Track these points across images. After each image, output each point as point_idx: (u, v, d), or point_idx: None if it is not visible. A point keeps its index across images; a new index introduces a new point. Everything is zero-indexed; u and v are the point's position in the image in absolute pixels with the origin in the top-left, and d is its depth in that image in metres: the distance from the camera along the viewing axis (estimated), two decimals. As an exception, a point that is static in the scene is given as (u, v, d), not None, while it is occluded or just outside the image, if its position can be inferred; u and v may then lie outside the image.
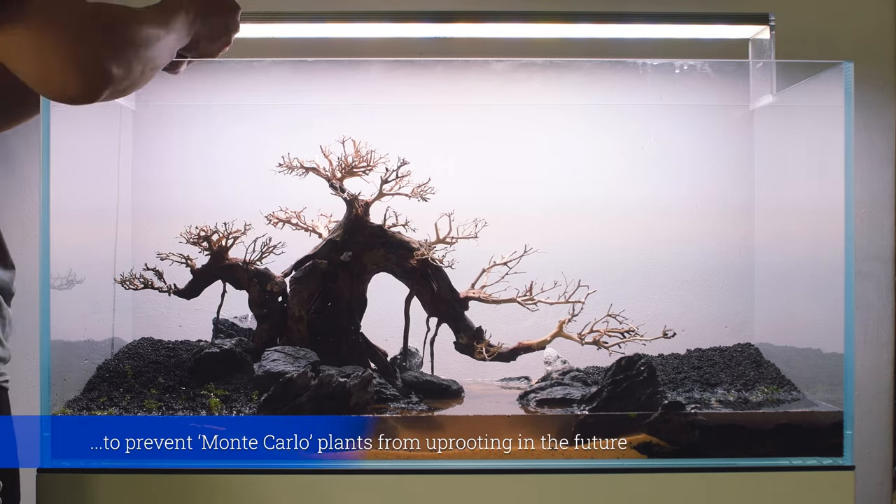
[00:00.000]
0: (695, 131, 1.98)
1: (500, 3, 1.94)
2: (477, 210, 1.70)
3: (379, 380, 1.60)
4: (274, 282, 1.70)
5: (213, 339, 1.77)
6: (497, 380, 1.79)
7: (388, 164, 1.67)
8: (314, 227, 1.75)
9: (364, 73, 1.85)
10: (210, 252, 1.69)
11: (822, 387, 1.61)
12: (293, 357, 1.59)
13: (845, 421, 1.46)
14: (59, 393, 1.52)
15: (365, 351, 1.71)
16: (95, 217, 1.87)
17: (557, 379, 1.67)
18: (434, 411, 1.56)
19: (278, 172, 1.69)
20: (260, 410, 1.46)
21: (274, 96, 1.88)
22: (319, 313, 1.68)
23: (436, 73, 1.84)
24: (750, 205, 1.95)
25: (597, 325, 1.64)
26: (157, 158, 1.97)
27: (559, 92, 1.88)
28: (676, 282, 1.98)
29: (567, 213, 1.96)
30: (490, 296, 1.69)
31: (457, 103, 1.87)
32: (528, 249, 1.68)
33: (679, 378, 1.72)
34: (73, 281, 1.62)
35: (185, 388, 1.58)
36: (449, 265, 1.68)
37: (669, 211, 1.97)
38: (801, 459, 1.46)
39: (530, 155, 1.97)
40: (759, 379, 1.69)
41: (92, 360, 1.70)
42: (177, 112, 1.96)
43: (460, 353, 1.70)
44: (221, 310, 1.74)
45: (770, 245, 1.90)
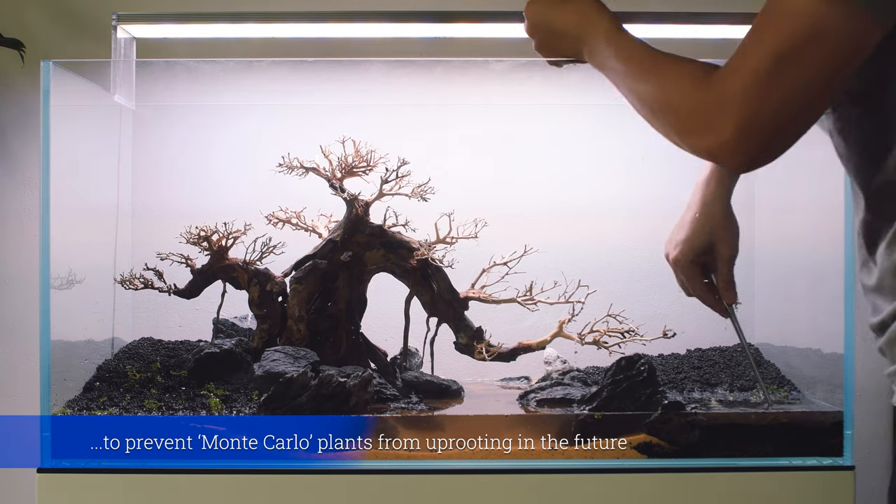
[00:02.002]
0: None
1: (501, 3, 1.94)
2: (477, 210, 1.70)
3: (379, 380, 1.60)
4: (274, 282, 1.70)
5: (213, 339, 1.77)
6: (497, 380, 1.79)
7: (388, 164, 1.67)
8: (314, 227, 1.75)
9: (364, 73, 1.85)
10: (210, 252, 1.69)
11: (822, 387, 1.61)
12: (293, 357, 1.59)
13: (845, 421, 1.46)
14: (59, 393, 1.52)
15: (365, 351, 1.71)
16: (95, 217, 1.87)
17: (557, 379, 1.67)
18: (434, 411, 1.56)
19: (278, 172, 1.69)
20: (260, 410, 1.46)
21: (274, 96, 1.88)
22: (319, 313, 1.68)
23: (436, 73, 1.84)
24: (750, 205, 1.95)
25: (597, 325, 1.64)
26: (157, 158, 1.97)
27: (559, 92, 1.88)
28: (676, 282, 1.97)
29: (567, 213, 1.96)
30: (490, 296, 1.69)
31: (457, 103, 1.87)
32: (528, 249, 1.68)
33: (679, 378, 1.72)
34: (73, 281, 1.62)
35: (185, 388, 1.58)
36: (449, 265, 1.68)
37: (669, 211, 1.97)
38: (801, 459, 1.46)
39: (530, 155, 1.97)
40: (759, 379, 1.69)
41: (92, 360, 1.70)
42: (177, 112, 1.96)
43: (460, 353, 1.70)
44: (221, 310, 1.74)
45: (770, 245, 1.90)
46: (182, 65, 1.84)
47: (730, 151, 0.95)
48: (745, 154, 0.95)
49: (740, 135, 0.93)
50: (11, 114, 1.99)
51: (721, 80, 0.94)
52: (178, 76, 1.84)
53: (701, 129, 0.96)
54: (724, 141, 0.94)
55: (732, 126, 0.93)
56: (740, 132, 0.93)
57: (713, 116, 0.94)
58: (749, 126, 0.92)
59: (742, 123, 0.92)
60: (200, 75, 1.80)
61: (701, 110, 0.96)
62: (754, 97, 0.91)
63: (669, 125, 1.03)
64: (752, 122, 0.92)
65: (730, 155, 0.95)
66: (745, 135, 0.93)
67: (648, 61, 1.08)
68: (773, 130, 0.93)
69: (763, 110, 0.92)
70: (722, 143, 0.94)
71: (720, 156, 0.96)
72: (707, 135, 0.96)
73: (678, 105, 1.00)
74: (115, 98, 1.81)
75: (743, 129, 0.92)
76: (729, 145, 0.94)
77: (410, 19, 1.79)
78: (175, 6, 1.97)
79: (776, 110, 0.92)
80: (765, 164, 0.97)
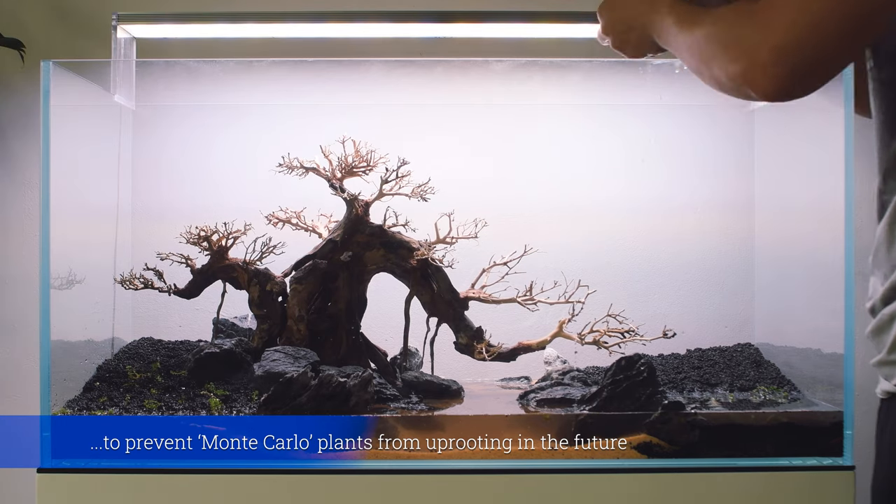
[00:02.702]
0: (695, 131, 1.98)
1: (500, 3, 1.94)
2: (477, 210, 1.70)
3: (379, 380, 1.60)
4: (274, 282, 1.70)
5: (213, 339, 1.77)
6: (497, 380, 1.79)
7: (388, 164, 1.67)
8: (314, 227, 1.75)
9: (364, 73, 1.85)
10: (210, 252, 1.69)
11: (822, 387, 1.61)
12: (293, 357, 1.59)
13: (845, 421, 1.46)
14: (59, 393, 1.52)
15: (365, 351, 1.71)
16: (95, 217, 1.87)
17: (557, 379, 1.67)
18: (434, 411, 1.56)
19: (278, 172, 1.69)
20: (260, 410, 1.46)
21: (274, 96, 1.88)
22: (319, 313, 1.68)
23: (436, 73, 1.84)
24: (750, 205, 1.95)
25: (597, 325, 1.64)
26: (157, 158, 1.97)
27: (559, 92, 1.88)
28: (676, 282, 1.98)
29: (567, 213, 1.96)
30: (490, 296, 1.69)
31: (457, 103, 1.87)
32: (528, 249, 1.68)
33: (679, 378, 1.72)
34: (73, 281, 1.62)
35: (185, 388, 1.58)
36: (449, 265, 1.68)
37: (669, 211, 1.98)
38: (801, 459, 1.46)
39: (530, 155, 1.97)
40: (759, 379, 1.69)
41: (92, 360, 1.70)
42: (177, 112, 1.96)
43: (460, 353, 1.70)
44: (221, 310, 1.74)
45: (770, 245, 1.90)
46: (182, 65, 1.84)
47: (763, 74, 0.99)
48: (777, 78, 0.99)
49: (777, 58, 0.98)
50: (11, 114, 1.99)
51: (763, 8, 1.00)
52: (178, 76, 1.84)
53: (739, 55, 1.01)
54: (761, 62, 0.99)
55: (769, 48, 0.98)
56: (777, 54, 0.98)
57: (752, 40, 1.00)
58: (785, 49, 0.97)
59: (779, 45, 0.97)
60: (200, 75, 1.80)
61: (742, 36, 1.01)
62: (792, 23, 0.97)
63: (715, 60, 1.07)
64: (788, 46, 0.97)
65: (763, 77, 1.00)
66: (781, 58, 0.98)
67: (702, 12, 1.13)
68: (808, 58, 0.98)
69: (800, 37, 0.97)
70: (758, 64, 0.99)
71: (755, 78, 1.00)
72: (744, 58, 1.01)
73: (722, 36, 1.05)
74: (115, 98, 1.81)
75: (779, 52, 0.97)
76: (764, 68, 0.99)
77: (410, 19, 1.79)
78: (175, 6, 1.97)
79: (811, 38, 0.97)
80: (793, 96, 1.02)
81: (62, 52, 1.98)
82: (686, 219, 1.97)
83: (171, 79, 1.87)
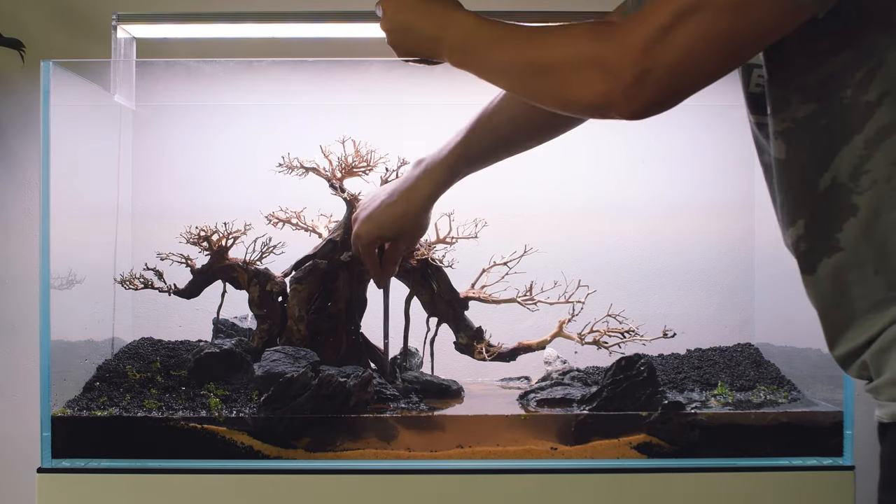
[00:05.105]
0: (695, 131, 1.98)
1: (500, 3, 1.94)
2: (477, 210, 1.70)
3: (379, 380, 1.60)
4: (274, 282, 1.70)
5: (213, 339, 1.77)
6: (497, 380, 1.79)
7: (388, 164, 1.67)
8: (314, 227, 1.75)
9: (364, 73, 1.85)
10: (210, 252, 1.69)
11: (822, 387, 1.61)
12: (293, 357, 1.59)
13: (845, 421, 1.46)
14: (59, 393, 1.52)
15: (365, 351, 1.71)
16: (95, 217, 1.87)
17: (557, 379, 1.67)
18: (434, 411, 1.56)
19: (278, 172, 1.69)
20: (260, 410, 1.46)
21: (274, 96, 1.88)
22: (319, 313, 1.68)
23: (436, 73, 1.84)
24: (750, 205, 1.95)
25: (597, 325, 1.64)
26: (157, 158, 1.97)
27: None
28: (676, 282, 1.98)
29: (567, 213, 1.96)
30: (490, 296, 1.69)
31: (457, 103, 1.87)
32: (528, 249, 1.68)
33: (679, 378, 1.72)
34: (73, 281, 1.62)
35: (185, 388, 1.58)
36: (449, 265, 1.68)
37: (669, 211, 1.98)
38: (801, 459, 1.46)
39: (530, 155, 1.97)
40: (759, 379, 1.69)
41: (92, 360, 1.70)
42: (177, 112, 1.96)
43: (460, 353, 1.70)
44: (221, 310, 1.74)
45: (770, 245, 1.90)
46: (182, 65, 1.84)
47: (626, 97, 0.95)
48: (642, 99, 0.95)
49: (642, 80, 0.93)
50: (11, 114, 1.99)
51: (628, 28, 0.95)
52: (178, 76, 1.84)
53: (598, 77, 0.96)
54: (623, 85, 0.94)
55: (633, 71, 0.93)
56: (642, 76, 0.93)
57: (613, 61, 0.95)
58: (652, 72, 0.93)
59: (645, 68, 0.93)
60: (200, 75, 1.80)
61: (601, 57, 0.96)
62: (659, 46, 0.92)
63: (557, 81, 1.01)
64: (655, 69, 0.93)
65: (626, 100, 0.95)
66: (647, 80, 0.94)
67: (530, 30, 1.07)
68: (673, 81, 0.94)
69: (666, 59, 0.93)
70: (622, 87, 0.94)
71: (617, 101, 0.96)
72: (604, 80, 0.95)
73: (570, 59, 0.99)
74: (115, 98, 1.81)
75: (645, 74, 0.93)
76: (627, 90, 0.94)
77: (410, 19, 1.78)
78: (175, 6, 1.96)
79: (681, 62, 0.93)
80: (656, 114, 0.98)
81: (62, 52, 1.98)
82: (686, 219, 1.97)
83: (171, 79, 1.87)
